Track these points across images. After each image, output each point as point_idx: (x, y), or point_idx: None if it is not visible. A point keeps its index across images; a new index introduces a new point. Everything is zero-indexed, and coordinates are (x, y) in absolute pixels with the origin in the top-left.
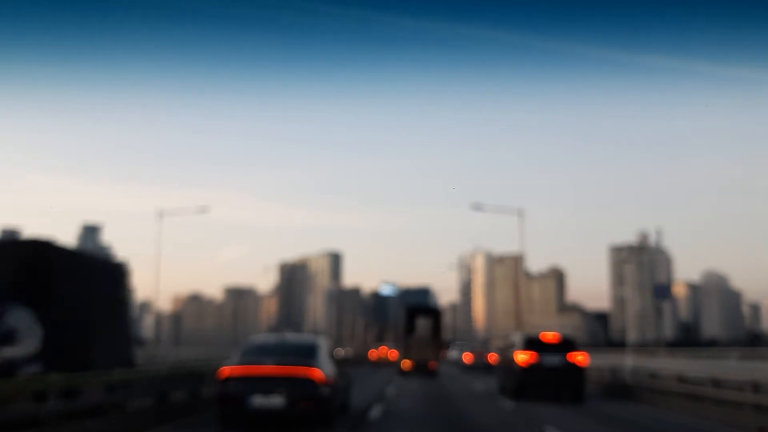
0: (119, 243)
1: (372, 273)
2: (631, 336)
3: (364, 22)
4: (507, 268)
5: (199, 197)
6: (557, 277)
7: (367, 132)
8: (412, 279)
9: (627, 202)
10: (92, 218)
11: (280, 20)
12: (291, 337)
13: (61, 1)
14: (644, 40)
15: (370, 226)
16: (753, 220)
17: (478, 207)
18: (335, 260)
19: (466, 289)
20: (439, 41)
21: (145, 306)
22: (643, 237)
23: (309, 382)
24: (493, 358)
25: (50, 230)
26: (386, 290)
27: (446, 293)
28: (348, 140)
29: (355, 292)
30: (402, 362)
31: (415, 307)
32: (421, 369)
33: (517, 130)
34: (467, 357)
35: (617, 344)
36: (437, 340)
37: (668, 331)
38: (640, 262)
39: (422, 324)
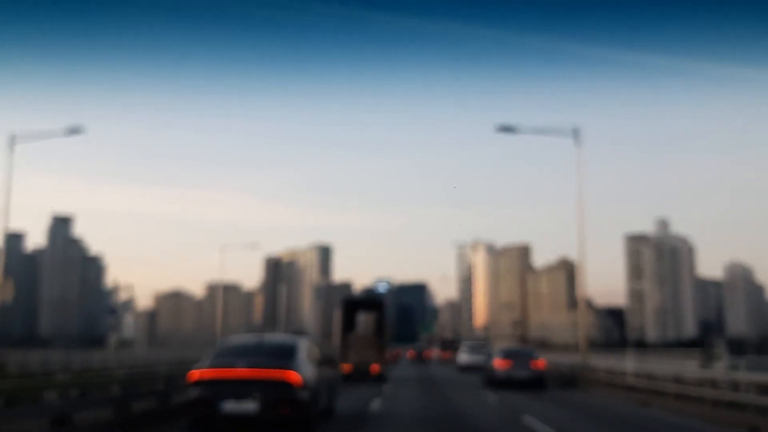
0: (116, 242)
1: (367, 272)
2: (651, 334)
3: (363, 21)
4: (511, 261)
5: (194, 196)
6: (567, 269)
7: (365, 132)
8: (408, 277)
9: (643, 196)
10: (83, 218)
11: (278, 19)
12: (268, 338)
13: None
14: (644, 41)
15: (366, 225)
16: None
17: (508, 128)
18: (324, 254)
19: (466, 284)
20: (438, 41)
21: (127, 304)
22: (663, 224)
23: (285, 386)
24: (542, 365)
25: (22, 223)
26: (381, 287)
27: (444, 291)
28: (345, 140)
29: (345, 288)
30: (339, 366)
31: (355, 299)
32: (362, 374)
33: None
34: (502, 363)
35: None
36: (381, 339)
37: (690, 328)
38: (660, 252)
39: (364, 320)
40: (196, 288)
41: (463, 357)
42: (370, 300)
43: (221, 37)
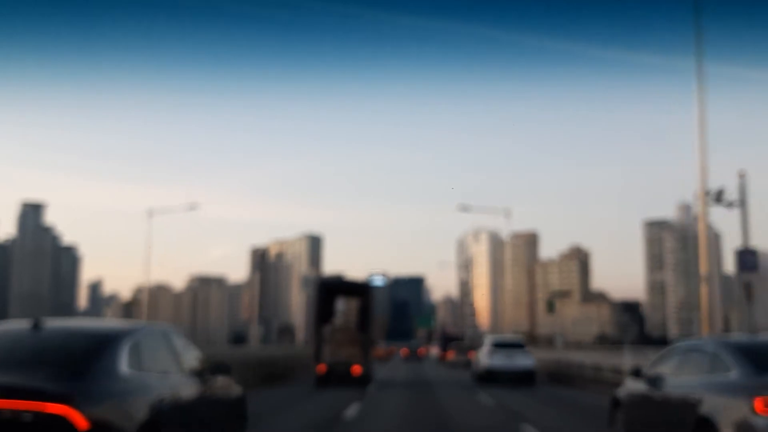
0: (106, 239)
1: (361, 267)
2: (673, 331)
3: (359, 19)
4: (517, 251)
5: (188, 194)
6: (580, 258)
7: (363, 129)
8: (405, 272)
9: (663, 184)
10: (75, 219)
11: (273, 16)
12: (55, 326)
13: None
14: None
15: (362, 219)
16: None
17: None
18: (314, 244)
19: (467, 277)
20: (437, 37)
21: (110, 299)
22: (686, 210)
23: (58, 428)
24: None
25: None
26: (377, 280)
27: (443, 286)
28: (342, 135)
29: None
30: (316, 366)
31: (334, 283)
32: (340, 376)
33: (519, 124)
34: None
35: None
36: (366, 334)
37: (717, 325)
38: (684, 240)
39: (344, 309)
40: (181, 282)
41: (485, 360)
42: (353, 285)
43: (211, 31)
